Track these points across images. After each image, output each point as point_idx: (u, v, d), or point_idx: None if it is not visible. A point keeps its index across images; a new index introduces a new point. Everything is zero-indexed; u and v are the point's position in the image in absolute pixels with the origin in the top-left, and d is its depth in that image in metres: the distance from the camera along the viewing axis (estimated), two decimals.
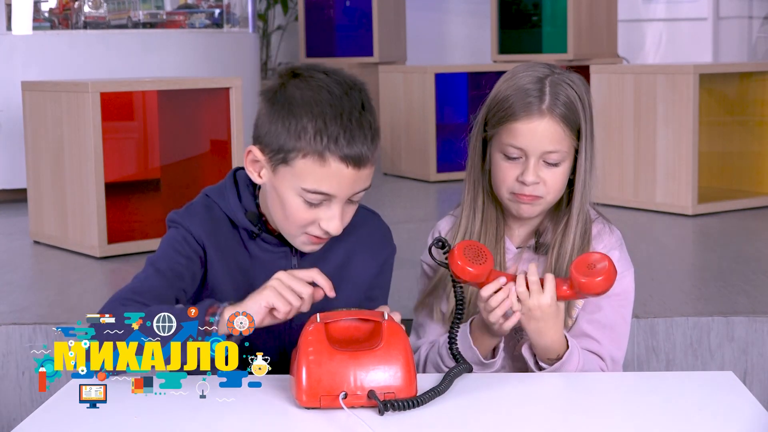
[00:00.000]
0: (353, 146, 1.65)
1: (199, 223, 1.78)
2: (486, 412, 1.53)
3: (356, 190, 1.70)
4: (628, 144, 4.19)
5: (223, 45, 5.22)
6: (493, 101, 1.87)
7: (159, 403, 1.54)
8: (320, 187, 1.67)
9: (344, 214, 1.72)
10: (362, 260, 1.86)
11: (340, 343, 1.54)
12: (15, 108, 4.34)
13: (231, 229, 1.80)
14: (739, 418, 1.47)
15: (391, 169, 5.43)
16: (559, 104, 1.82)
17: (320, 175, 1.66)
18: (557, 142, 1.82)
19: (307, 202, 1.69)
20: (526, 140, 1.82)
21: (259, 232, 1.79)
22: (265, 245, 1.80)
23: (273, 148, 1.69)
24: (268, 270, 1.75)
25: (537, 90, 1.83)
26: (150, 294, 1.71)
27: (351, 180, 1.67)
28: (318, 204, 1.69)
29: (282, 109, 1.68)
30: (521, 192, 1.83)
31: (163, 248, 1.80)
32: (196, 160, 3.88)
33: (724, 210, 4.11)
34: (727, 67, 4.43)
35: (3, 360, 2.57)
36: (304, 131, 1.65)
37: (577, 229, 1.86)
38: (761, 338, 2.56)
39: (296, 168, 1.67)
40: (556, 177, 1.84)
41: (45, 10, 4.83)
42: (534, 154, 1.82)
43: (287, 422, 1.48)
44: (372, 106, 1.72)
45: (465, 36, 8.26)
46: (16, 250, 3.66)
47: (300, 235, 1.73)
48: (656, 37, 7.77)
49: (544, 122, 1.81)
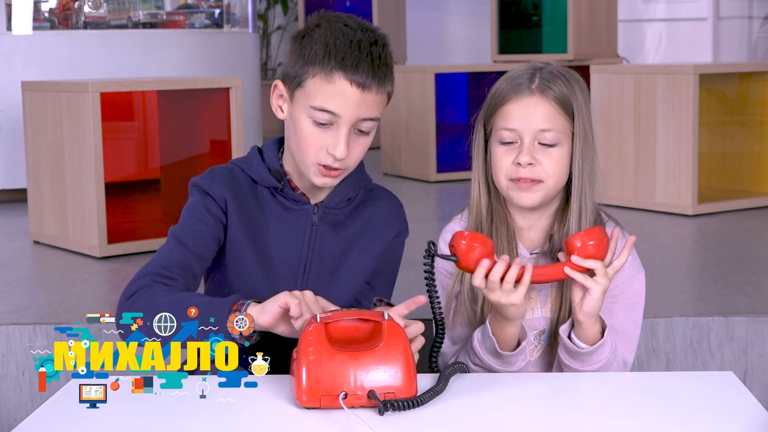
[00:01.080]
0: (358, 69, 1.76)
1: (221, 182, 1.87)
2: (486, 412, 1.53)
3: (362, 115, 1.77)
4: (628, 144, 4.19)
5: (223, 45, 5.22)
6: (488, 98, 1.88)
7: (159, 403, 1.54)
8: (326, 104, 1.76)
9: (352, 144, 1.79)
10: (377, 231, 1.92)
11: (340, 343, 1.54)
12: (15, 108, 4.34)
13: (252, 190, 1.88)
14: (739, 418, 1.47)
15: (391, 169, 5.43)
16: (550, 84, 1.83)
17: (327, 93, 1.76)
18: (549, 120, 1.82)
19: (315, 123, 1.78)
20: (517, 120, 1.82)
21: (282, 187, 1.87)
22: (287, 202, 1.88)
23: (291, 76, 1.81)
24: (286, 227, 1.86)
25: (528, 75, 1.85)
26: (176, 266, 1.81)
27: (355, 101, 1.76)
28: (326, 126, 1.78)
29: (302, 42, 1.81)
30: (518, 175, 1.82)
31: (184, 217, 1.88)
32: (196, 160, 3.88)
33: (724, 210, 4.11)
34: (727, 67, 4.43)
35: (3, 360, 2.57)
36: (315, 55, 1.77)
37: (580, 225, 1.85)
38: (761, 338, 2.56)
39: (307, 88, 1.78)
40: (553, 159, 1.83)
41: (45, 10, 4.83)
42: (527, 133, 1.82)
43: (287, 422, 1.48)
44: (388, 49, 1.83)
45: (465, 36, 8.27)
46: (16, 250, 3.66)
47: (313, 165, 1.80)
48: (656, 37, 7.78)
49: (534, 99, 1.82)
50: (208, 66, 5.02)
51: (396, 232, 1.95)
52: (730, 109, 4.45)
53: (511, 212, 1.90)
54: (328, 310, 1.65)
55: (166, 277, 1.79)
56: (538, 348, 1.87)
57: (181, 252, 1.83)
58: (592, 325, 1.75)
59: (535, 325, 1.87)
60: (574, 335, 1.78)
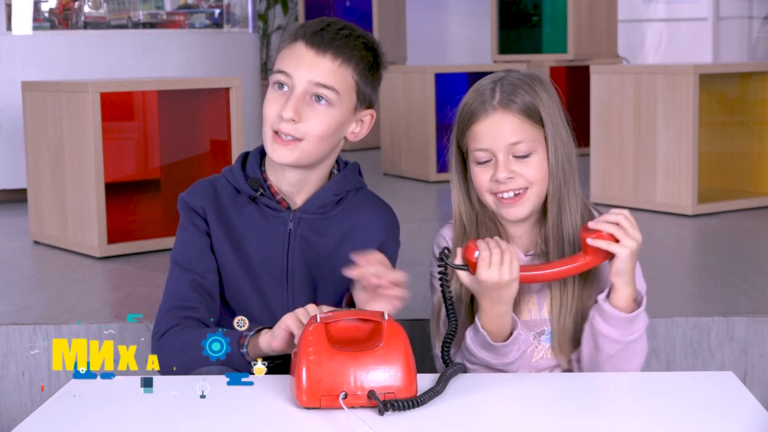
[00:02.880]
0: (319, 35, 1.83)
1: (199, 194, 1.89)
2: (485, 412, 1.53)
3: (314, 79, 1.81)
4: (628, 144, 4.19)
5: (223, 45, 5.22)
6: (458, 114, 1.89)
7: (159, 403, 1.54)
8: (283, 66, 1.84)
9: (309, 112, 1.82)
10: (360, 240, 1.89)
11: (340, 343, 1.54)
12: (15, 108, 4.34)
13: (234, 200, 1.89)
14: (739, 418, 1.47)
15: (391, 169, 5.43)
16: (512, 97, 1.83)
17: (285, 57, 1.85)
18: (518, 132, 1.82)
19: (275, 89, 1.83)
20: (487, 139, 1.83)
21: (258, 196, 1.87)
22: (265, 210, 1.88)
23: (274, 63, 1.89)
24: (264, 236, 1.86)
25: (490, 90, 1.85)
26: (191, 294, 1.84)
27: (309, 63, 1.82)
28: (283, 91, 1.83)
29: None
30: (499, 190, 1.83)
31: (179, 240, 1.91)
32: (196, 160, 3.88)
33: (724, 210, 4.11)
34: (727, 67, 4.43)
35: (3, 360, 2.57)
36: (290, 35, 1.88)
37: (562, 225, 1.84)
38: (761, 338, 2.56)
39: (277, 62, 1.86)
40: (531, 166, 1.83)
41: (45, 10, 4.83)
42: (500, 150, 1.82)
43: (287, 422, 1.48)
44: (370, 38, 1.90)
45: (465, 36, 8.26)
46: (16, 250, 3.66)
47: (269, 135, 1.84)
48: (656, 37, 7.78)
49: (497, 115, 1.82)
50: (208, 66, 5.02)
51: (381, 244, 1.90)
52: (730, 109, 4.45)
53: (502, 222, 1.90)
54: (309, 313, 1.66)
55: (188, 308, 1.82)
56: (538, 349, 1.86)
57: (188, 277, 1.85)
58: (624, 287, 1.75)
59: (534, 325, 1.87)
60: (610, 301, 1.78)
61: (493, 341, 1.77)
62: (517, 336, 1.79)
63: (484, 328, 1.77)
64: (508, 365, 1.81)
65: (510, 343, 1.78)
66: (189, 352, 1.74)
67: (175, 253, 1.89)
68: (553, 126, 1.85)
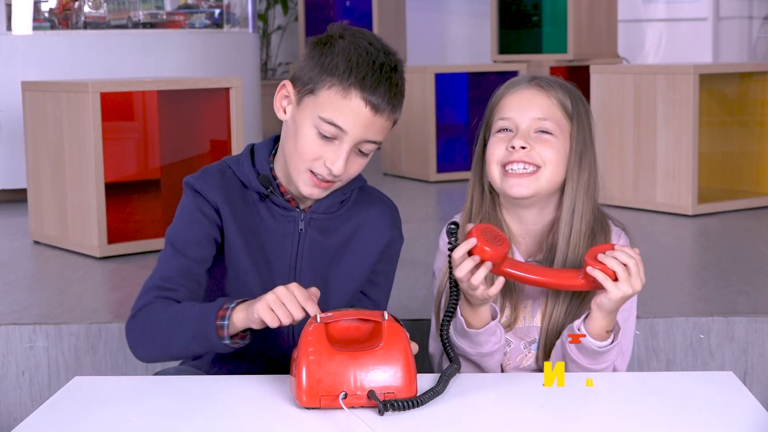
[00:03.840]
0: (376, 91, 1.74)
1: (214, 185, 1.85)
2: (485, 412, 1.53)
3: (368, 137, 1.76)
4: (628, 144, 4.19)
5: (223, 45, 5.22)
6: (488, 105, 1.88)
7: (159, 403, 1.54)
8: (336, 119, 1.74)
9: (350, 162, 1.78)
10: (369, 237, 1.89)
11: (340, 343, 1.54)
12: (15, 108, 4.34)
13: (243, 192, 1.86)
14: (739, 418, 1.47)
15: (391, 169, 5.43)
16: (550, 83, 1.84)
17: (340, 107, 1.74)
18: (546, 110, 1.82)
19: (320, 134, 1.76)
20: (514, 109, 1.82)
21: (268, 194, 1.85)
22: (275, 208, 1.86)
23: (304, 81, 1.79)
24: (275, 235, 1.84)
25: (527, 78, 1.87)
26: (177, 277, 1.80)
27: (366, 122, 1.75)
28: (329, 140, 1.76)
29: (322, 49, 1.79)
30: (510, 160, 1.80)
31: (179, 220, 1.87)
32: (196, 160, 3.88)
33: (724, 210, 4.11)
34: (727, 67, 4.43)
35: (3, 360, 2.57)
36: (336, 67, 1.75)
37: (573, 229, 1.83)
38: (761, 338, 2.56)
39: (320, 97, 1.76)
40: (549, 145, 1.80)
41: (45, 11, 4.83)
42: (524, 120, 1.81)
43: (287, 422, 1.48)
44: (403, 76, 1.81)
45: (465, 36, 8.26)
46: (16, 250, 3.66)
47: (304, 172, 1.79)
48: (656, 37, 7.78)
49: (531, 90, 1.83)
50: (208, 66, 5.02)
51: (389, 240, 1.91)
52: (730, 109, 4.45)
53: (506, 219, 1.88)
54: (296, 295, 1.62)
55: (168, 289, 1.78)
56: (528, 357, 1.86)
57: (181, 261, 1.82)
58: (601, 319, 1.72)
59: (525, 334, 1.86)
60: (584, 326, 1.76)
61: (468, 329, 1.76)
62: (494, 326, 1.77)
63: (462, 315, 1.76)
64: (484, 357, 1.78)
65: (484, 332, 1.76)
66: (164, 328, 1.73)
67: (172, 234, 1.85)
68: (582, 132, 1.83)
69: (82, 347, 2.56)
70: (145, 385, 1.65)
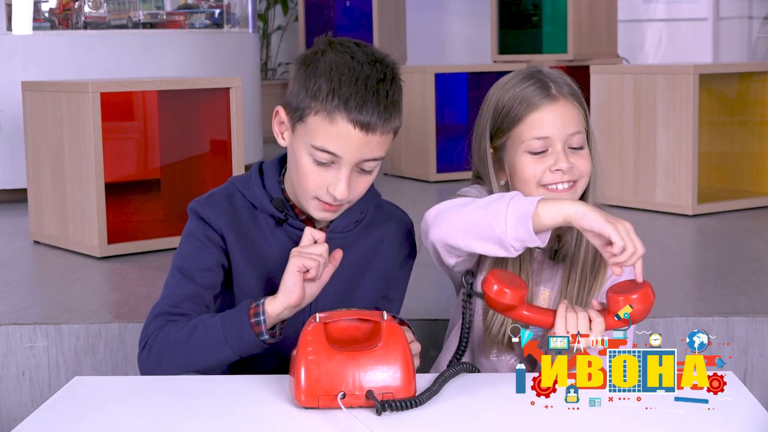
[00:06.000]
0: (363, 111, 1.68)
1: (219, 213, 1.80)
2: (484, 412, 1.53)
3: (365, 156, 1.72)
4: (628, 144, 4.19)
5: (223, 45, 5.22)
6: (496, 111, 1.86)
7: (159, 403, 1.54)
8: (327, 145, 1.69)
9: (354, 182, 1.74)
10: (386, 254, 1.88)
11: (339, 343, 1.54)
12: (15, 108, 4.35)
13: (252, 217, 1.82)
14: (739, 418, 1.47)
15: (391, 169, 5.43)
16: (564, 85, 1.84)
17: (328, 134, 1.69)
18: (578, 122, 1.84)
19: (316, 161, 1.71)
20: (549, 127, 1.81)
21: (285, 218, 1.80)
22: (292, 231, 1.81)
23: (293, 107, 1.73)
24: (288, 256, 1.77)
25: (537, 81, 1.84)
26: (186, 303, 1.77)
27: (358, 143, 1.69)
28: (327, 165, 1.71)
29: (306, 71, 1.73)
30: (555, 181, 1.82)
31: (186, 247, 1.82)
32: (196, 160, 3.88)
33: (724, 210, 4.11)
34: (727, 67, 4.43)
35: (3, 360, 2.57)
36: (319, 91, 1.69)
37: None
38: (761, 338, 2.56)
39: (309, 125, 1.70)
40: (584, 158, 1.84)
41: (45, 11, 4.83)
42: (559, 140, 1.81)
43: (286, 422, 1.48)
44: (398, 83, 1.74)
45: (465, 36, 8.26)
46: (16, 250, 3.66)
47: (311, 200, 1.76)
48: (656, 37, 7.78)
49: (560, 105, 1.82)
50: (208, 66, 5.02)
51: (405, 255, 1.90)
52: (730, 109, 4.45)
53: None
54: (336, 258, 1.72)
55: (178, 315, 1.76)
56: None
57: (189, 287, 1.78)
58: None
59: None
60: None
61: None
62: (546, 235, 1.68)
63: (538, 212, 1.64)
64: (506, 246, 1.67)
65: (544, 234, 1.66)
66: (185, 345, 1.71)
67: (179, 260, 1.81)
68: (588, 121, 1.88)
69: (82, 347, 2.56)
70: (145, 385, 1.65)
